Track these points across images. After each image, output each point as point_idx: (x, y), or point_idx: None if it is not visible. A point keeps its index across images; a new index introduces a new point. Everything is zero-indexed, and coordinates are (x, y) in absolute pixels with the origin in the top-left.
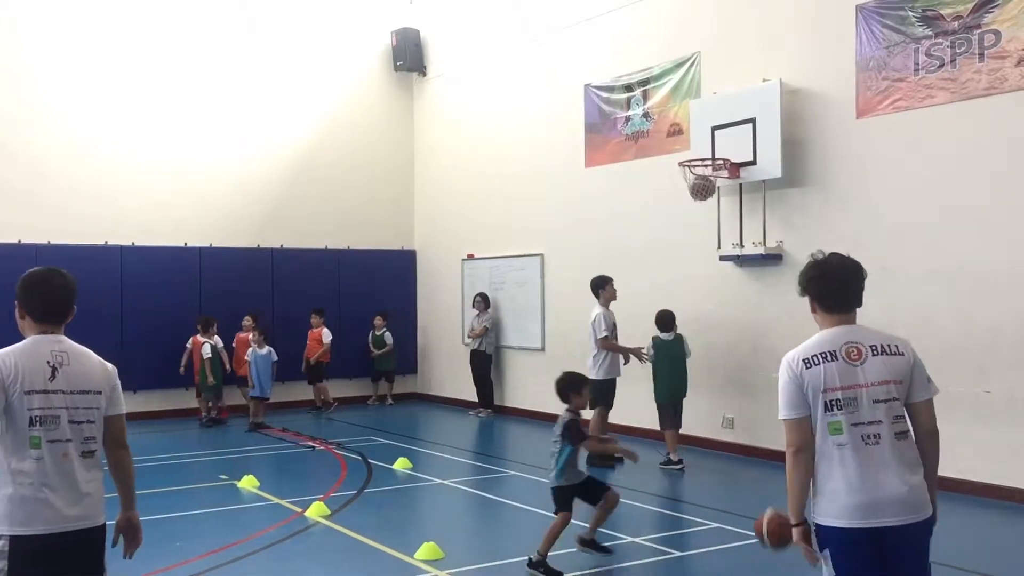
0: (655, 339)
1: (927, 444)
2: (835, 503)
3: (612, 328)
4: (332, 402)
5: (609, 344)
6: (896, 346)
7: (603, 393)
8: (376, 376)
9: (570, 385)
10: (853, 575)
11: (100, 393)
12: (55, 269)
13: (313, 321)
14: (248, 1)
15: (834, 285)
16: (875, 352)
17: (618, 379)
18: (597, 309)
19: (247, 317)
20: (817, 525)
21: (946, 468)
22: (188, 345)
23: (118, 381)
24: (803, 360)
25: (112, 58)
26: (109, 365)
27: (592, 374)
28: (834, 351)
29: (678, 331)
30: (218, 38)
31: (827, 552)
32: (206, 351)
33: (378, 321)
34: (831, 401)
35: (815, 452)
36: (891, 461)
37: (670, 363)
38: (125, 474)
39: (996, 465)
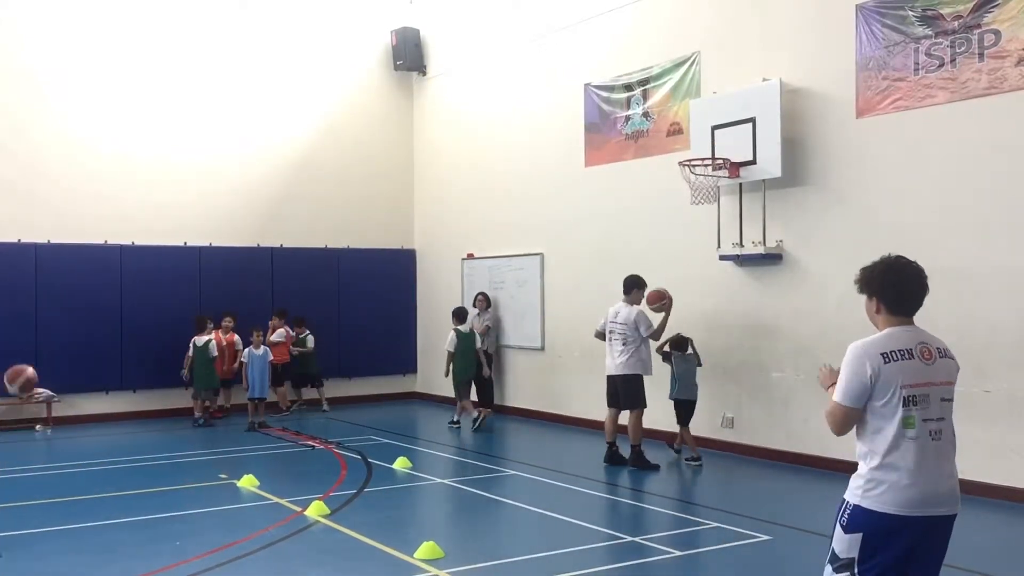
0: (456, 331)
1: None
2: (896, 492)
3: None
4: (290, 405)
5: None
6: (950, 351)
7: (643, 391)
8: (300, 381)
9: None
10: (882, 563)
11: None
12: None
13: (273, 323)
14: (248, 2)
15: (911, 290)
16: (940, 355)
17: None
18: (630, 308)
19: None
20: (860, 508)
21: None
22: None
23: None
24: (881, 354)
25: (112, 57)
26: None
27: (628, 370)
28: (910, 349)
29: (473, 327)
30: (218, 37)
31: (858, 535)
32: (212, 350)
33: (298, 328)
34: (909, 396)
35: (882, 442)
36: (945, 456)
37: (464, 348)
38: None
39: (996, 465)
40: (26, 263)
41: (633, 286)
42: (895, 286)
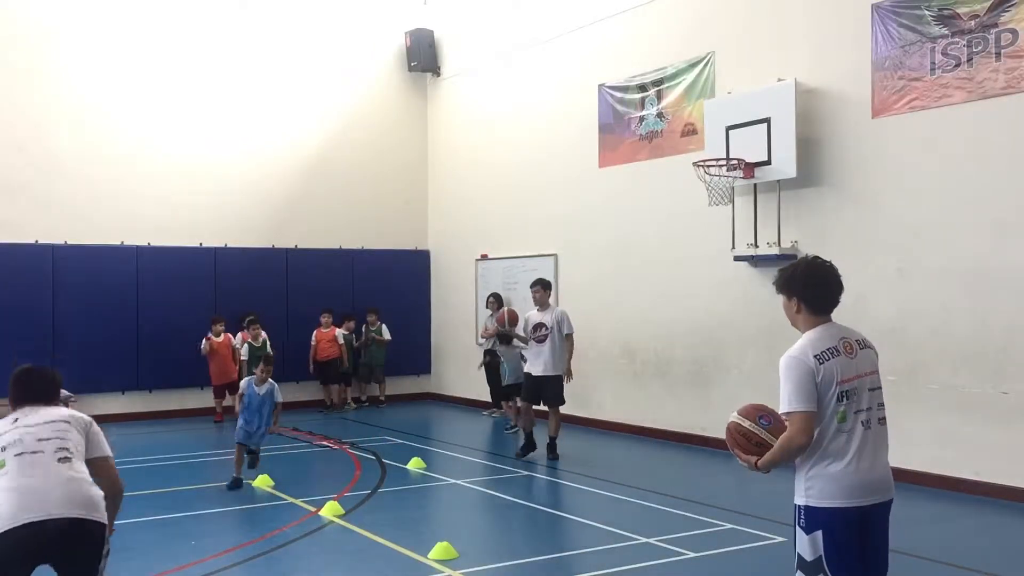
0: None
1: None
2: (838, 485)
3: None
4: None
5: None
6: (868, 340)
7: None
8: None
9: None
10: (843, 554)
11: (68, 423)
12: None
13: (251, 324)
14: (263, 3)
15: (830, 295)
16: (860, 346)
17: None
18: (558, 308)
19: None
20: (810, 508)
21: (963, 469)
22: (235, 344)
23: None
24: (815, 357)
25: (128, 60)
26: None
27: (554, 371)
28: (835, 347)
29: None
30: (233, 39)
31: (818, 534)
32: (244, 352)
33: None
34: (842, 392)
35: (821, 440)
36: (878, 445)
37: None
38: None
39: (1014, 467)
40: (43, 264)
41: (549, 287)
42: (815, 287)
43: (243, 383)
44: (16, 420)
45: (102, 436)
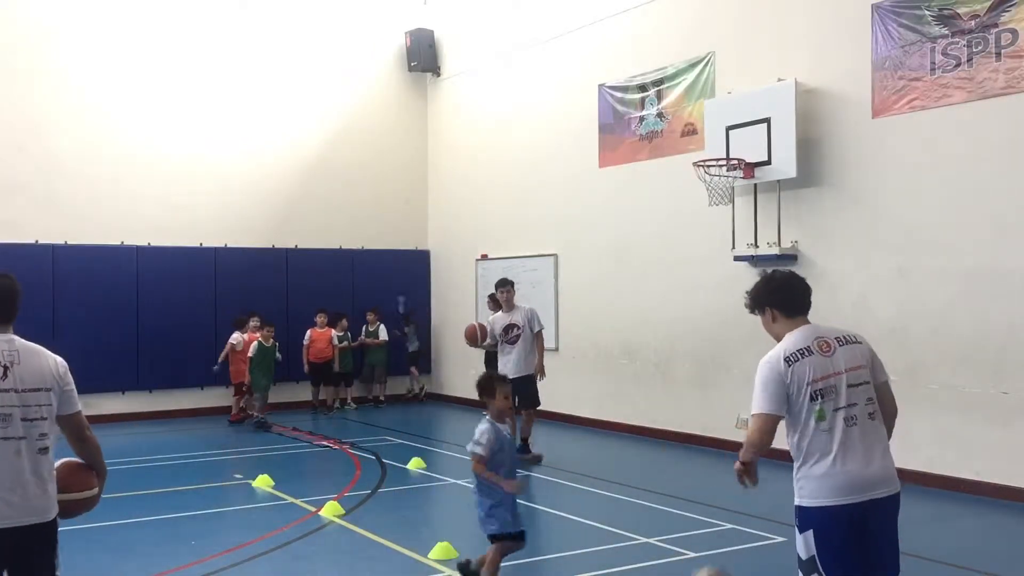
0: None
1: (890, 423)
2: (825, 484)
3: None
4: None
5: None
6: (854, 336)
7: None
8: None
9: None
10: (836, 553)
11: (50, 391)
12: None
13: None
14: (263, 3)
15: (797, 294)
16: (840, 343)
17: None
18: (525, 306)
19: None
20: (802, 508)
21: (962, 469)
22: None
23: (70, 380)
24: (784, 359)
25: (128, 60)
26: (60, 362)
27: (527, 371)
28: (808, 347)
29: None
30: (233, 39)
31: (809, 533)
32: (252, 348)
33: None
34: (816, 391)
35: (803, 440)
36: (868, 440)
37: None
38: (93, 459)
39: (1014, 467)
40: (43, 264)
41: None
42: (780, 291)
43: (483, 429)
44: (5, 372)
45: (74, 390)
